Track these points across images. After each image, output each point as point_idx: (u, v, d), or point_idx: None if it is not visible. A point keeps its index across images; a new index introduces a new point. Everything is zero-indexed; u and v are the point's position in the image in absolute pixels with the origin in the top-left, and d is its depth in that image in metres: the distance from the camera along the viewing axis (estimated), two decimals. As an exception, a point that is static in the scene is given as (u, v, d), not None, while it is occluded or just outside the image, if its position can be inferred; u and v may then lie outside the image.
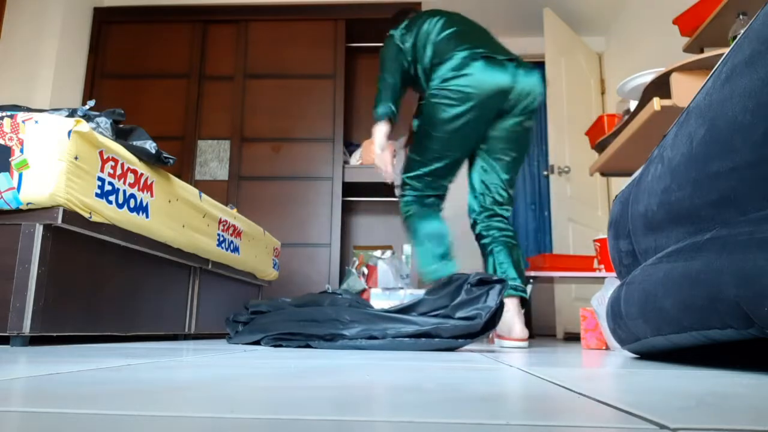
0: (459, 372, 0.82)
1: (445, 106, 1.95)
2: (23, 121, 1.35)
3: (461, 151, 2.04)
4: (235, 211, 2.49)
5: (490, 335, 2.17)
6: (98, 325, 1.59)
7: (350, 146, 3.76)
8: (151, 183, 1.70)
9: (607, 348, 2.00)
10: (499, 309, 1.57)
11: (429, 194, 2.10)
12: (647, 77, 2.04)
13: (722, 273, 0.79)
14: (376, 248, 3.54)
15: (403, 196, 2.16)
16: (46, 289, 1.36)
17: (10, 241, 1.35)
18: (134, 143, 1.65)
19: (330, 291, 2.09)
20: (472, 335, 1.55)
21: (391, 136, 2.22)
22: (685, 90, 1.76)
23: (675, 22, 2.12)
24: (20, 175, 1.33)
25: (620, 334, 1.23)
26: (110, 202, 1.51)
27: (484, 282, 1.61)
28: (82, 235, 1.50)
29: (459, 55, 1.94)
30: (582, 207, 3.92)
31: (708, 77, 0.92)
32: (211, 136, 3.70)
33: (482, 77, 1.91)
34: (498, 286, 1.59)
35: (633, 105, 2.19)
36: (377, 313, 1.64)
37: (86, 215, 1.43)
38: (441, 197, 2.15)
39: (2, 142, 1.34)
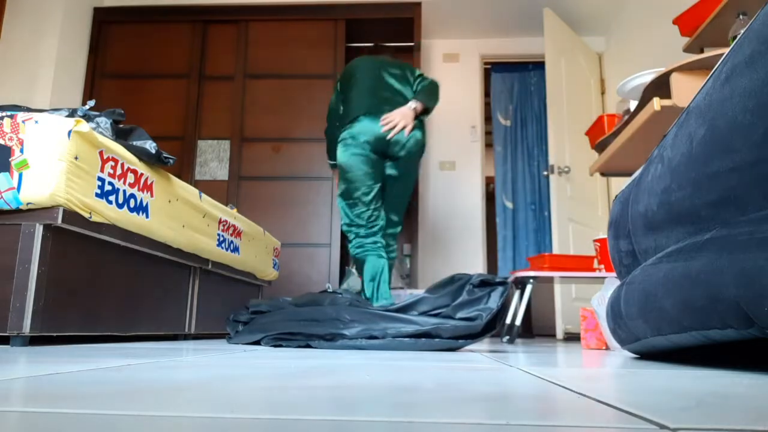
0: (459, 372, 0.82)
1: (351, 150, 2.46)
2: (23, 121, 1.35)
3: (377, 180, 2.50)
4: (235, 211, 2.49)
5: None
6: (98, 325, 1.59)
7: (350, 146, 3.76)
8: (151, 183, 1.70)
9: (607, 348, 1.99)
10: (501, 311, 1.57)
11: (374, 224, 2.47)
12: (647, 77, 2.04)
13: (722, 273, 0.79)
14: (376, 248, 3.53)
15: (351, 242, 2.49)
16: (46, 289, 1.36)
17: (10, 241, 1.35)
18: (134, 143, 1.65)
19: (330, 291, 2.09)
20: (472, 336, 1.55)
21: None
22: (685, 90, 1.75)
23: (675, 22, 2.12)
24: (20, 175, 1.33)
25: (620, 334, 1.23)
26: (110, 202, 1.51)
27: (487, 283, 1.61)
28: (82, 235, 1.50)
29: (355, 110, 2.50)
30: (582, 207, 3.92)
31: (708, 77, 0.92)
32: (211, 136, 3.70)
33: (367, 127, 2.45)
34: (500, 288, 1.58)
35: (633, 105, 2.19)
36: (377, 312, 1.64)
37: (86, 215, 1.43)
38: (380, 228, 2.50)
39: (2, 142, 1.34)
